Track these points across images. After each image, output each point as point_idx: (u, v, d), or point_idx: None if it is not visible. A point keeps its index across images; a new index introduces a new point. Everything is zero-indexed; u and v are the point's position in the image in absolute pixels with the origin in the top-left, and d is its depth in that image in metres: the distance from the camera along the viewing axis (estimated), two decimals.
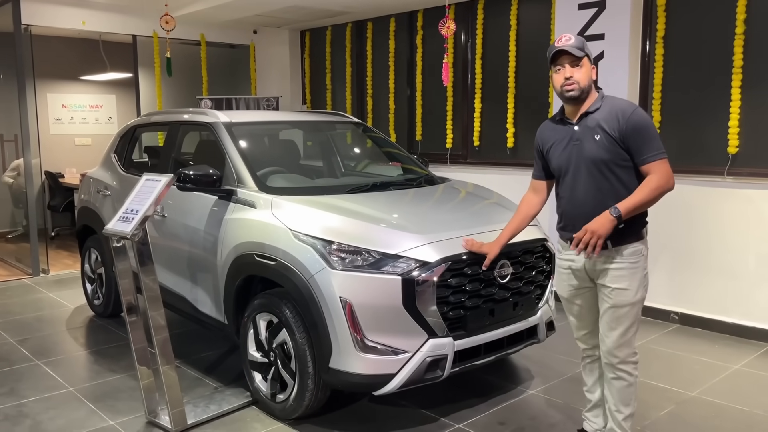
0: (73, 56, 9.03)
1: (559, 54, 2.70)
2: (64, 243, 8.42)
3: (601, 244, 2.60)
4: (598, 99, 2.74)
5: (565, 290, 2.93)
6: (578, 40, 2.72)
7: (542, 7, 5.79)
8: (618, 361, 2.76)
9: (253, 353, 3.51)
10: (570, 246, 2.75)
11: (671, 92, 5.05)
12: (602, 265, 2.73)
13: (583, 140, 2.72)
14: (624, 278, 2.70)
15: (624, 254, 2.70)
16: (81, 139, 9.47)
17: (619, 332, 2.73)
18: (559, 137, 2.82)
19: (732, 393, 3.77)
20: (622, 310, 2.72)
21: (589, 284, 2.83)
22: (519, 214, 3.12)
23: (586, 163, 2.69)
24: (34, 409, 3.58)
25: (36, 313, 5.46)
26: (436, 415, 3.48)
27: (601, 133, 2.67)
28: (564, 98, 2.74)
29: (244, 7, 6.83)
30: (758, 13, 4.56)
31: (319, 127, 4.92)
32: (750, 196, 4.61)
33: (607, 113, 2.68)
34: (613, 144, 2.65)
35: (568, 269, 2.86)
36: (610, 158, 2.66)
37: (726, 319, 4.78)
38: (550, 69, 2.77)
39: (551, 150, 2.85)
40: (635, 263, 2.71)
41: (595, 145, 2.68)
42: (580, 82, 2.68)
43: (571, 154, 2.75)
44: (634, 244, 2.72)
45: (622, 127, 2.63)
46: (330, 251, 3.10)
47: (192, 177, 3.65)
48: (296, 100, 8.40)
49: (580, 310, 2.91)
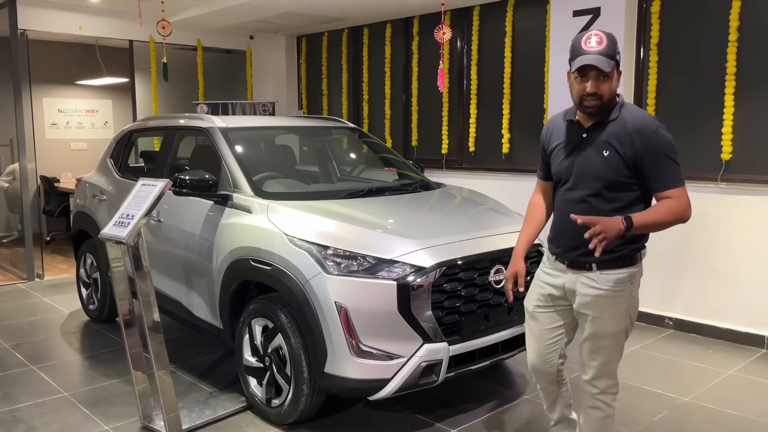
0: (69, 61, 9.04)
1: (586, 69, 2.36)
2: (59, 248, 8.40)
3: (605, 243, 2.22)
4: (616, 108, 2.42)
5: (531, 303, 2.69)
6: (609, 43, 2.33)
7: (537, 13, 5.82)
8: (597, 391, 2.57)
9: (248, 358, 3.51)
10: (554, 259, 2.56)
11: (665, 99, 5.08)
12: (582, 289, 2.48)
13: (589, 152, 2.43)
14: (606, 307, 2.45)
15: (608, 281, 2.44)
16: (77, 143, 9.46)
17: (599, 363, 2.52)
18: (565, 141, 2.52)
19: (726, 398, 3.78)
20: (603, 341, 2.49)
21: (562, 303, 2.59)
22: (531, 220, 2.78)
23: (586, 179, 2.40)
24: (28, 414, 3.57)
25: (31, 317, 5.44)
26: (431, 420, 3.48)
27: (611, 150, 2.37)
28: (581, 110, 2.44)
29: (241, 12, 6.85)
30: (751, 21, 4.59)
31: (315, 133, 4.93)
32: (743, 202, 4.64)
33: (623, 127, 2.37)
34: (620, 164, 2.35)
35: (545, 283, 2.63)
36: (614, 179, 2.37)
37: (720, 324, 4.80)
38: (571, 70, 2.41)
39: (554, 152, 2.57)
40: (620, 292, 2.44)
41: (601, 162, 2.38)
42: (604, 96, 2.36)
43: (573, 164, 2.47)
44: (622, 270, 2.44)
45: (638, 148, 2.33)
46: (325, 256, 3.11)
47: (188, 182, 3.65)
48: (292, 105, 8.42)
49: (540, 329, 2.66)
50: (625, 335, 2.54)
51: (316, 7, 6.53)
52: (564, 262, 2.55)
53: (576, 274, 2.51)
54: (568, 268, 2.54)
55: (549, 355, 2.67)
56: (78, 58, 8.95)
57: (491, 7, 6.22)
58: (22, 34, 6.70)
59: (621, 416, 3.53)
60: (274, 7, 6.54)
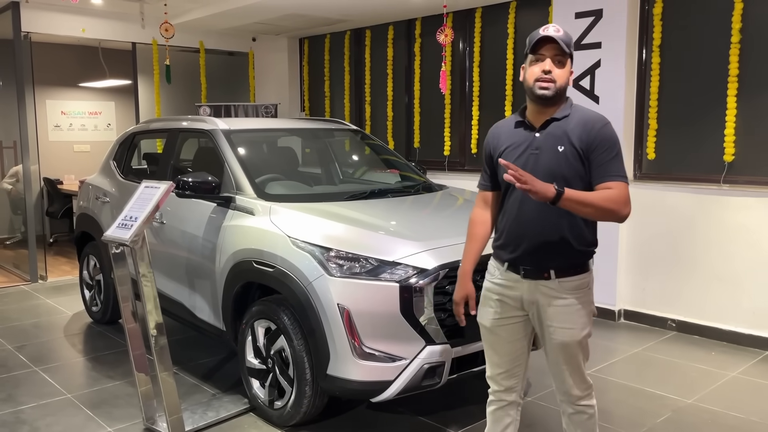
0: (72, 63, 9.06)
1: (543, 42, 2.31)
2: (62, 249, 8.41)
3: (526, 189, 2.11)
4: (567, 106, 2.40)
5: (488, 318, 2.52)
6: (567, 35, 2.34)
7: (539, 15, 5.83)
8: (577, 398, 2.48)
9: (251, 360, 3.52)
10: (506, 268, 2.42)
11: (667, 100, 5.08)
12: (543, 299, 2.38)
13: (543, 150, 2.36)
14: (567, 316, 2.37)
15: (569, 288, 2.37)
16: (80, 145, 9.48)
17: (571, 371, 2.44)
18: (515, 142, 2.43)
19: (729, 400, 3.78)
20: (571, 350, 2.40)
21: (519, 315, 2.47)
22: (475, 237, 2.61)
23: (542, 177, 2.24)
24: (31, 416, 3.58)
25: (34, 319, 5.45)
26: (433, 422, 3.48)
27: (567, 144, 2.32)
28: (534, 95, 2.35)
29: (243, 15, 6.86)
30: (753, 22, 4.59)
31: (318, 135, 4.94)
32: (746, 203, 4.63)
33: (576, 123, 2.34)
34: (576, 158, 2.31)
35: (499, 295, 2.48)
36: (571, 174, 2.30)
37: (723, 326, 4.79)
38: (527, 58, 2.38)
39: (504, 155, 2.43)
40: (581, 298, 2.39)
41: (557, 158, 2.33)
42: (557, 80, 2.31)
43: (526, 164, 2.35)
44: (580, 276, 2.39)
45: (592, 140, 2.30)
46: (328, 258, 3.11)
47: (191, 184, 3.66)
48: (295, 107, 8.43)
49: (501, 344, 2.51)
50: (588, 338, 2.46)
51: (318, 9, 6.55)
52: (518, 272, 2.41)
53: (533, 283, 2.39)
54: (523, 278, 2.40)
55: (516, 369, 2.55)
56: (81, 61, 8.97)
57: (493, 9, 6.23)
58: (26, 36, 6.73)
59: (624, 418, 3.54)
60: (276, 9, 6.55)
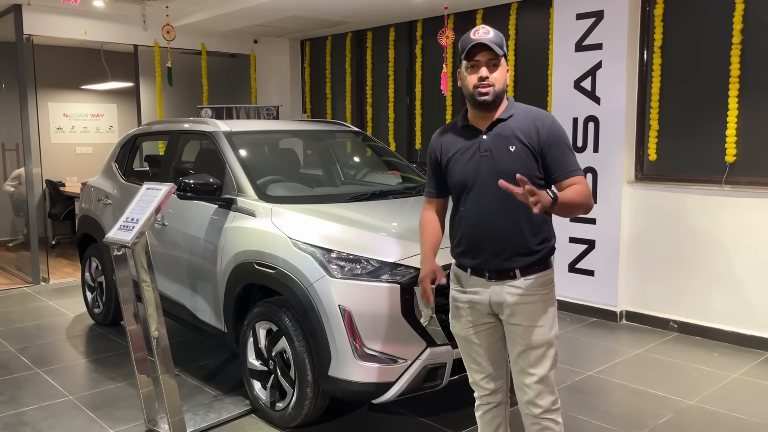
0: (74, 65, 9.08)
1: (476, 49, 2.30)
2: (64, 251, 8.43)
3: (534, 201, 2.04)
4: (510, 106, 2.40)
5: (462, 328, 2.50)
6: (497, 35, 2.33)
7: (541, 16, 5.83)
8: (541, 411, 2.38)
9: (252, 361, 3.52)
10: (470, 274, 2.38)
11: (669, 101, 5.08)
12: (511, 299, 2.36)
13: (494, 151, 2.34)
14: (537, 313, 2.35)
15: (535, 286, 2.35)
16: (82, 147, 9.50)
17: (538, 377, 2.36)
18: (463, 147, 2.41)
19: (730, 401, 3.77)
20: (539, 351, 2.35)
21: (491, 320, 2.45)
22: (428, 230, 2.59)
23: (496, 177, 2.20)
24: (33, 418, 3.59)
25: (36, 321, 5.46)
26: (435, 423, 3.48)
27: (517, 143, 2.32)
28: (474, 101, 2.35)
29: (245, 17, 6.87)
30: (755, 23, 4.59)
31: (319, 136, 4.94)
32: (748, 204, 4.63)
33: (523, 121, 2.34)
34: (529, 156, 2.31)
35: (468, 302, 2.45)
36: (525, 172, 2.22)
37: (725, 327, 4.78)
38: (461, 65, 2.38)
39: (452, 161, 2.42)
40: (547, 294, 2.38)
41: (509, 157, 2.31)
42: (496, 84, 2.31)
43: (479, 166, 2.35)
44: (544, 273, 2.38)
45: (543, 137, 2.31)
46: (329, 260, 3.11)
47: (192, 186, 3.66)
48: (296, 109, 8.44)
49: (479, 351, 2.50)
50: (557, 342, 2.42)
51: (319, 10, 6.56)
52: (484, 275, 2.39)
53: (500, 285, 2.37)
54: (489, 280, 2.38)
55: (497, 371, 2.53)
56: (83, 63, 8.99)
57: (494, 10, 6.23)
58: (28, 39, 6.74)
59: (626, 419, 3.54)
60: (278, 11, 6.56)
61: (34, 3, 6.48)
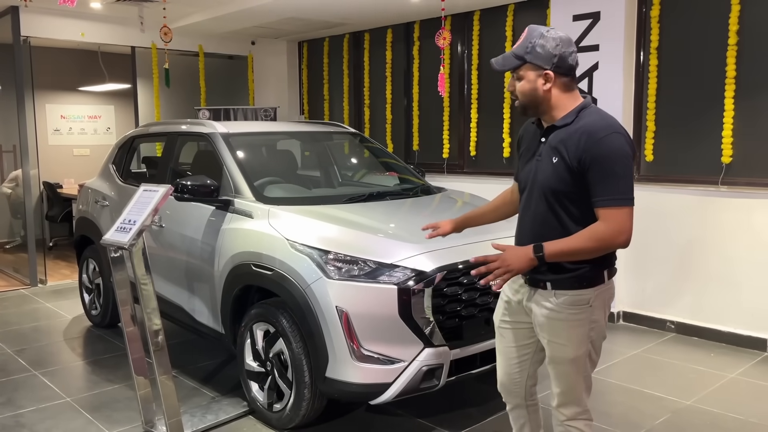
0: (72, 67, 9.08)
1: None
2: (61, 253, 8.42)
3: (507, 278, 2.11)
4: (573, 112, 2.20)
5: (498, 317, 2.52)
6: (522, 41, 2.22)
7: (537, 18, 5.84)
8: (564, 419, 2.35)
9: (249, 363, 3.52)
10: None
11: (665, 102, 5.09)
12: (537, 310, 2.28)
13: (543, 159, 2.24)
14: (562, 332, 2.23)
15: (565, 303, 2.21)
16: (79, 149, 9.49)
17: (561, 390, 2.32)
18: (530, 146, 2.36)
19: (728, 402, 3.78)
20: (561, 367, 2.28)
21: (523, 321, 2.41)
22: (491, 203, 2.71)
23: (538, 188, 2.20)
24: (31, 420, 3.59)
25: (33, 323, 5.46)
26: (432, 424, 3.48)
27: (558, 156, 2.16)
28: None
29: (242, 18, 6.88)
30: (751, 24, 4.60)
31: (317, 138, 4.95)
32: (744, 205, 4.64)
33: (572, 133, 2.14)
34: (567, 172, 2.13)
35: (507, 297, 2.45)
36: (562, 189, 2.15)
37: (721, 327, 4.80)
38: None
39: (521, 157, 2.42)
40: (575, 315, 2.21)
41: (550, 170, 2.19)
42: (519, 96, 2.26)
43: (530, 171, 2.30)
44: (579, 291, 2.20)
45: (581, 154, 2.09)
46: (326, 261, 3.12)
47: (189, 187, 3.67)
48: (294, 110, 8.44)
49: (506, 345, 2.49)
50: (588, 361, 2.29)
51: (317, 12, 6.56)
52: (524, 276, 2.32)
53: (532, 290, 2.30)
54: (525, 283, 2.34)
55: (516, 375, 2.50)
56: (80, 65, 8.99)
57: (491, 12, 6.24)
58: (25, 40, 6.74)
59: (623, 420, 3.54)
60: (275, 12, 6.57)
61: (31, 5, 6.47)
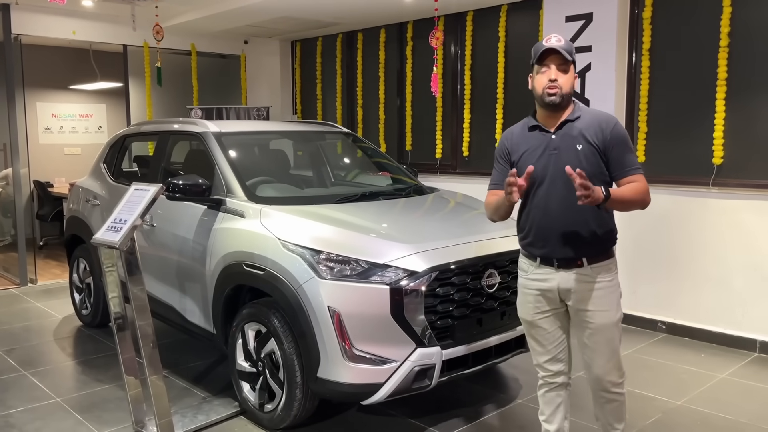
0: (63, 65, 9.02)
1: (547, 54, 2.53)
2: (52, 252, 8.37)
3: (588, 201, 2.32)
4: (577, 108, 2.62)
5: (529, 313, 2.72)
6: (568, 43, 2.56)
7: (530, 19, 5.85)
8: (611, 385, 2.66)
9: (241, 363, 3.51)
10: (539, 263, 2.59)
11: (657, 104, 5.11)
12: (578, 286, 2.57)
13: (562, 150, 2.55)
14: (604, 299, 2.58)
15: (600, 273, 2.58)
16: (70, 148, 9.44)
17: (607, 356, 2.61)
18: (533, 145, 2.62)
19: (718, 402, 3.80)
20: (607, 333, 2.60)
21: (558, 306, 2.67)
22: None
23: (563, 175, 2.43)
24: (20, 420, 3.56)
25: (23, 323, 5.42)
26: (424, 424, 3.48)
27: (584, 143, 2.53)
28: (543, 103, 2.58)
29: (235, 17, 6.86)
30: (742, 27, 4.63)
31: (309, 137, 4.94)
32: (735, 206, 4.66)
33: (589, 122, 2.55)
34: (595, 155, 2.52)
35: (537, 290, 2.66)
36: (591, 170, 2.47)
37: (712, 328, 4.82)
38: (533, 69, 2.59)
39: (523, 158, 2.62)
40: (611, 281, 2.60)
41: (576, 155, 2.52)
42: (563, 87, 2.52)
43: (548, 163, 2.56)
44: (608, 261, 2.61)
45: (607, 137, 2.52)
46: (318, 261, 3.11)
47: (181, 186, 3.65)
48: (287, 110, 8.42)
49: (545, 335, 2.71)
50: (620, 323, 2.65)
51: (310, 12, 6.55)
52: (552, 263, 2.60)
53: (567, 272, 2.58)
54: (557, 269, 2.59)
55: (559, 354, 2.73)
56: (72, 63, 8.94)
57: (484, 13, 6.25)
58: (16, 38, 6.70)
59: None
60: (268, 12, 6.55)
61: (22, 2, 6.44)
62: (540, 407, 2.86)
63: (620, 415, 2.74)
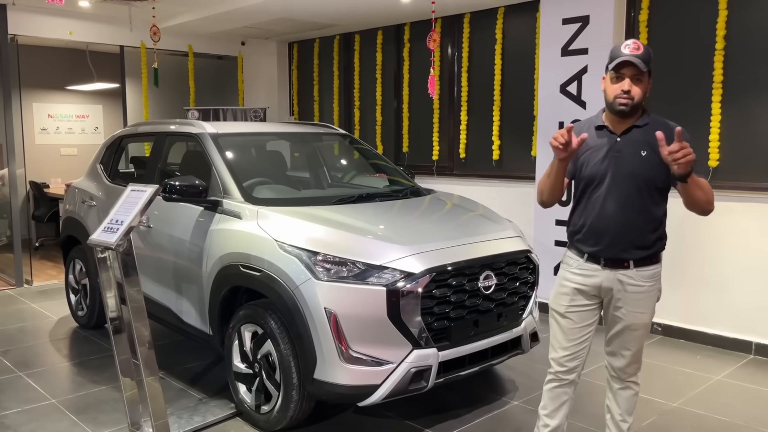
0: (59, 66, 9.01)
1: (624, 64, 2.53)
2: (48, 253, 8.35)
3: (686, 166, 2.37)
4: (646, 115, 2.65)
5: (562, 305, 2.75)
6: (647, 51, 2.54)
7: (527, 21, 5.86)
8: (628, 375, 2.78)
9: (237, 364, 3.51)
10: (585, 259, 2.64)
11: (653, 106, 5.11)
12: (620, 286, 2.64)
13: (625, 153, 2.58)
14: (642, 301, 2.66)
15: (645, 277, 2.64)
16: (67, 149, 9.42)
17: (633, 352, 2.73)
18: (597, 144, 2.65)
19: (713, 404, 3.81)
20: (638, 332, 2.69)
21: (592, 303, 2.72)
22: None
23: (623, 178, 2.54)
24: (16, 421, 3.55)
25: (19, 324, 5.41)
26: (421, 426, 3.48)
27: (649, 150, 2.55)
28: (614, 110, 2.59)
29: (232, 18, 6.86)
30: (738, 30, 4.64)
31: (306, 139, 4.94)
32: (730, 208, 4.68)
33: (656, 130, 2.46)
34: (657, 162, 2.49)
35: (577, 285, 2.70)
36: (652, 176, 2.55)
37: (708, 330, 4.83)
38: (607, 71, 2.59)
39: (585, 155, 2.65)
40: (653, 286, 2.67)
41: (639, 161, 2.56)
42: (635, 97, 2.54)
43: (609, 165, 2.59)
44: (655, 266, 2.68)
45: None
46: (315, 262, 3.11)
47: (178, 188, 3.65)
48: (284, 111, 8.42)
49: (572, 328, 2.74)
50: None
51: (307, 13, 6.55)
52: (599, 261, 2.65)
53: (613, 271, 2.64)
54: (603, 267, 2.65)
55: (580, 352, 2.77)
56: (68, 64, 8.93)
57: (481, 15, 6.26)
58: (13, 39, 6.68)
59: None
60: (265, 13, 6.55)
61: (18, 3, 6.43)
62: (543, 401, 2.87)
63: (632, 406, 2.83)
